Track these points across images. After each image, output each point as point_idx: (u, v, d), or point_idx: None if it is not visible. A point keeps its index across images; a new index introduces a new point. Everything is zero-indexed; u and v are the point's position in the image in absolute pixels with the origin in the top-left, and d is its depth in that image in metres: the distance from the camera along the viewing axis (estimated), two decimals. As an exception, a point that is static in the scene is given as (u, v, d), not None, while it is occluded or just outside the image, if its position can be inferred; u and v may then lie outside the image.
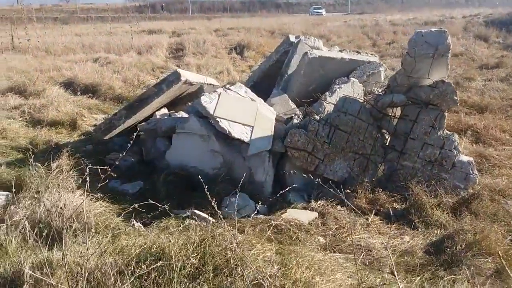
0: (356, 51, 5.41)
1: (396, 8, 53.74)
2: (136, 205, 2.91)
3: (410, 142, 4.37)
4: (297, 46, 5.07)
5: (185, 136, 4.20)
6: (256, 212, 3.84)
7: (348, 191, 4.49)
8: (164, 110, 4.94)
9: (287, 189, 4.20)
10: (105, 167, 3.00)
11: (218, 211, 3.07)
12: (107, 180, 3.87)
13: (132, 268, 2.39)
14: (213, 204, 3.14)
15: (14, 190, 3.38)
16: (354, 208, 3.94)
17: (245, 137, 3.94)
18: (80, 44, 15.63)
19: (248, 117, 4.16)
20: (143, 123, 4.63)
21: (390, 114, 4.37)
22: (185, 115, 4.73)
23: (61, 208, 3.14)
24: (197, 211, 3.57)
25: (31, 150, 4.60)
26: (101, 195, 3.76)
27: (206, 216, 3.56)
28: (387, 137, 4.57)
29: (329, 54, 4.93)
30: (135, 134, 3.32)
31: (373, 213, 3.91)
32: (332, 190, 4.29)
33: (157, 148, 4.59)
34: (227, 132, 3.94)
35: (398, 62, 11.88)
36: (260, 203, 3.89)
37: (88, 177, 2.70)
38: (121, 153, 4.75)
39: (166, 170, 4.23)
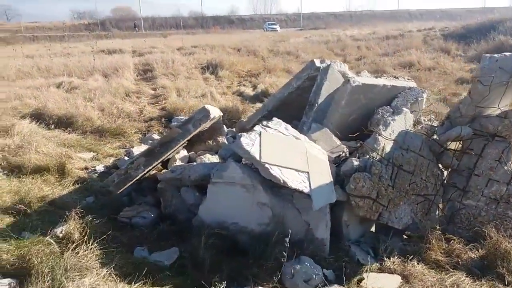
0: (394, 76, 4.94)
1: (347, 23, 55.20)
2: None
3: (473, 179, 3.89)
4: (327, 72, 4.49)
5: (224, 186, 3.46)
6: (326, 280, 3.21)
7: (406, 236, 3.98)
8: (184, 152, 4.16)
9: (347, 243, 3.65)
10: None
11: None
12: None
13: None
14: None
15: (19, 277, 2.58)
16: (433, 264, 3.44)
17: (303, 187, 3.26)
18: (35, 67, 14.28)
19: (299, 160, 3.50)
20: (164, 170, 3.83)
21: (452, 148, 3.88)
22: (212, 158, 3.99)
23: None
24: (264, 290, 2.83)
25: (22, 211, 3.72)
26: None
27: (276, 294, 2.84)
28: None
29: (372, 81, 4.39)
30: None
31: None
32: (402, 241, 3.79)
33: (182, 199, 3.80)
34: (281, 182, 3.25)
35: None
36: (327, 268, 3.30)
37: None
38: (136, 208, 3.99)
39: (201, 228, 3.45)
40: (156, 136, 6.82)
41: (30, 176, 4.58)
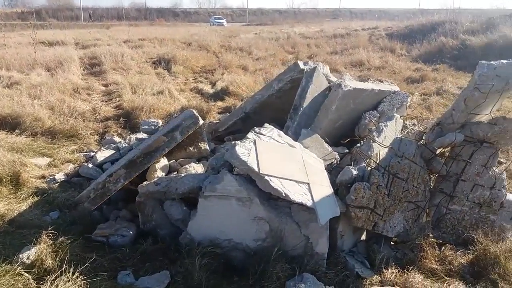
0: (379, 80, 4.87)
1: (292, 20, 55.70)
2: None
3: (460, 184, 3.92)
4: (313, 75, 4.32)
5: (217, 200, 3.18)
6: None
7: (393, 242, 3.94)
8: (164, 161, 3.80)
9: (342, 254, 3.52)
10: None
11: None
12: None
13: None
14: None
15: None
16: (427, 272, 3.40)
17: (306, 200, 3.07)
18: (-35, 59, 12.89)
19: (297, 170, 3.30)
20: (145, 182, 3.47)
21: (441, 154, 3.87)
22: (197, 167, 3.68)
23: None
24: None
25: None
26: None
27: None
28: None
29: (362, 85, 4.27)
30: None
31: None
32: (393, 250, 3.73)
33: (164, 214, 3.46)
34: (283, 195, 3.03)
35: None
36: (329, 285, 3.14)
37: None
38: (112, 225, 3.59)
39: (192, 247, 3.16)
40: (116, 139, 6.31)
41: (-21, 188, 4.01)
